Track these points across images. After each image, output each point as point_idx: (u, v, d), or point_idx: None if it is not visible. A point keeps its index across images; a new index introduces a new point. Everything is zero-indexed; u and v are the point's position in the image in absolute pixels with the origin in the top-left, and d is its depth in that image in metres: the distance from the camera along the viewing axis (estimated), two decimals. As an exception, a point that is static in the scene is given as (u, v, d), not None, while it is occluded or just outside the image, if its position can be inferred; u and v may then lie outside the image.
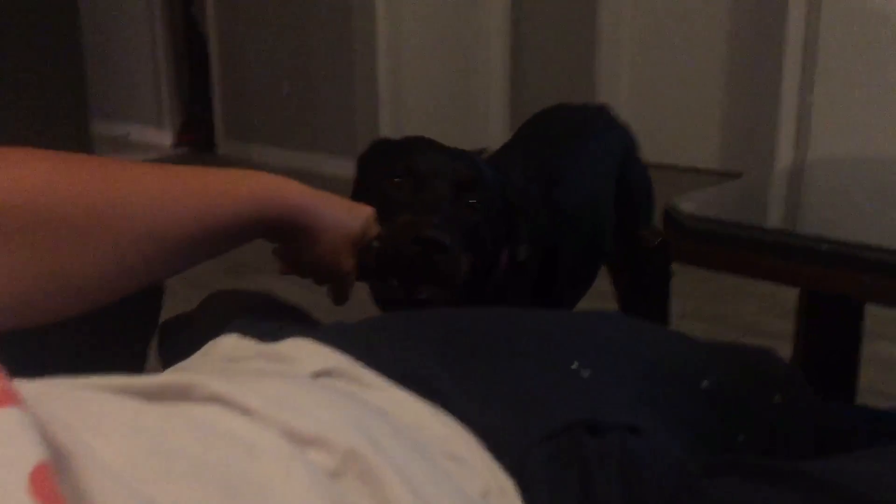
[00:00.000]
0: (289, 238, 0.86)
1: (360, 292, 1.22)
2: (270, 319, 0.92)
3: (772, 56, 4.06)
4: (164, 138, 5.89)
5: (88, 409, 0.43)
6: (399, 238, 0.93)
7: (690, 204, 1.18)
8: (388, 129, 4.77)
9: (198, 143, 5.67)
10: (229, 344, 0.67)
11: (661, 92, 4.83)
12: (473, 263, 1.00)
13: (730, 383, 0.73)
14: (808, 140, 4.10)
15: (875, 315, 1.66)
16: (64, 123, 3.59)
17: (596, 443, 0.56)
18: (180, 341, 0.90)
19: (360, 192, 1.10)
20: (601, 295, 1.70)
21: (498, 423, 0.57)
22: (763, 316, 2.36)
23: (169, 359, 0.94)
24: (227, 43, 5.35)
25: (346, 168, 4.77)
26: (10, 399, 0.37)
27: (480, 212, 1.02)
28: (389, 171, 1.04)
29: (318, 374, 0.59)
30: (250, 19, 5.15)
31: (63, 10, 3.45)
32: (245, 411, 0.46)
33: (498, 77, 5.27)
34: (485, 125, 5.30)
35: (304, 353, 0.62)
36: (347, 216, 0.89)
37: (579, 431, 0.56)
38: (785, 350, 1.55)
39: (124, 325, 0.82)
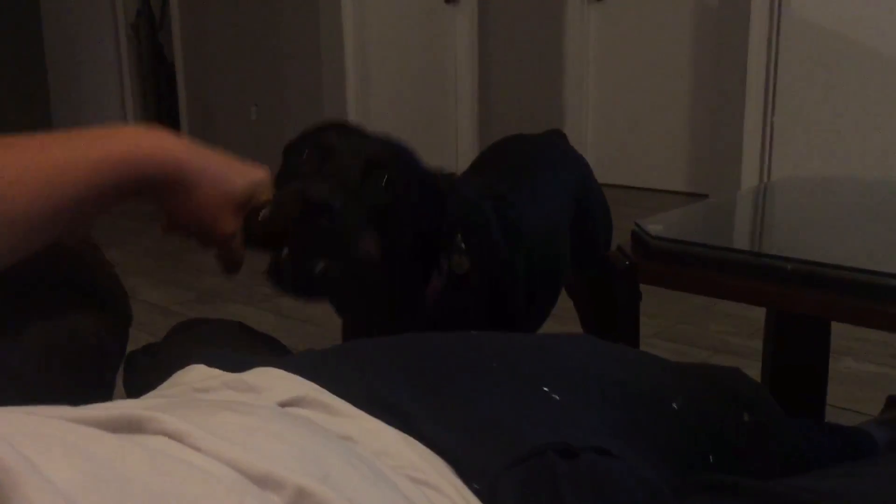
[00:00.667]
0: (164, 194, 0.79)
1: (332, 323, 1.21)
2: (239, 348, 0.91)
3: (735, 79, 4.12)
4: (131, 166, 5.85)
5: (38, 432, 0.42)
6: (286, 203, 0.85)
7: (657, 225, 1.20)
8: (357, 154, 4.76)
9: (165, 170, 5.63)
10: (196, 374, 0.66)
11: (627, 115, 4.88)
12: (389, 249, 0.93)
13: (700, 403, 0.73)
14: (772, 160, 4.16)
15: (841, 332, 1.68)
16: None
17: (567, 466, 0.56)
18: (147, 372, 0.89)
19: (278, 175, 1.01)
20: (570, 316, 1.71)
21: (468, 448, 0.57)
22: (732, 335, 2.38)
23: (135, 390, 0.92)
24: (194, 69, 5.34)
25: (315, 194, 4.76)
26: None
27: (393, 192, 0.94)
28: (301, 146, 0.98)
29: (285, 404, 0.58)
30: (218, 45, 5.15)
31: (28, 36, 3.43)
32: (196, 449, 0.45)
33: (467, 105, 5.31)
34: (454, 152, 5.32)
35: (272, 382, 0.62)
36: (231, 174, 0.83)
37: (550, 455, 0.56)
38: (754, 369, 1.56)
39: (91, 355, 0.81)
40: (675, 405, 0.71)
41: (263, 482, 0.44)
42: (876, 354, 2.18)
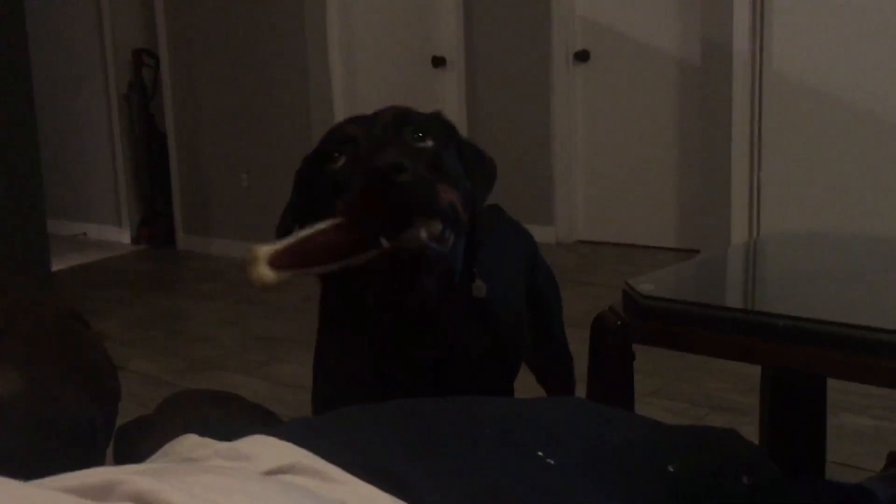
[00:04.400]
0: None
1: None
2: (231, 418, 0.90)
3: (720, 135, 4.17)
4: (124, 236, 5.85)
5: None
6: (366, 186, 0.85)
7: (648, 285, 1.20)
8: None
9: (157, 239, 5.64)
10: (188, 444, 0.66)
11: (615, 173, 4.92)
12: (464, 199, 0.94)
13: (696, 466, 0.72)
14: (761, 215, 4.19)
15: (839, 387, 1.68)
16: (19, 224, 3.56)
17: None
18: (138, 444, 0.88)
19: (302, 198, 1.01)
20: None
21: (464, 516, 0.56)
22: (729, 392, 2.37)
23: (126, 463, 0.91)
24: (185, 138, 5.38)
25: (307, 259, 4.76)
26: None
27: (433, 141, 0.97)
28: (323, 153, 0.98)
29: (277, 471, 0.58)
30: (208, 114, 5.20)
31: (19, 106, 3.45)
32: None
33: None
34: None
35: (264, 449, 0.61)
36: None
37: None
38: (752, 425, 1.55)
39: (79, 432, 0.80)
40: (670, 468, 0.70)
41: None
42: (875, 408, 2.17)
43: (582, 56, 4.89)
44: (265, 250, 0.87)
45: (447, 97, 5.27)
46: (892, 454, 1.42)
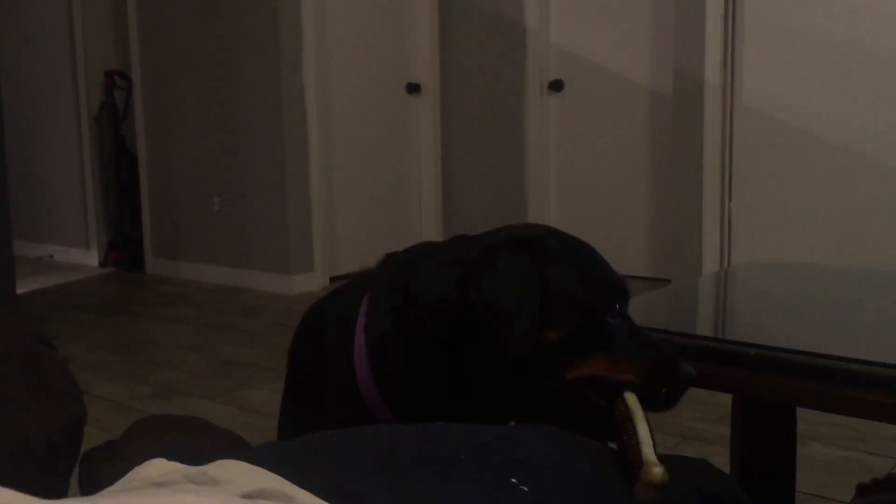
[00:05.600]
0: None
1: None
2: (199, 443, 0.89)
3: (692, 165, 4.22)
4: (91, 259, 5.79)
5: None
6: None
7: (621, 313, 1.19)
8: (321, 244, 4.78)
9: (125, 262, 5.59)
10: (156, 468, 0.64)
11: (588, 202, 4.96)
12: None
13: (667, 496, 0.72)
14: (732, 245, 4.23)
15: (809, 417, 1.68)
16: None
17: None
18: (104, 470, 0.86)
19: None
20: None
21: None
22: (700, 421, 2.37)
23: (91, 489, 0.89)
24: (157, 160, 5.35)
25: (278, 284, 4.74)
26: None
27: None
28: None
29: (247, 496, 0.57)
30: (180, 136, 5.18)
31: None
32: None
33: (430, 193, 5.36)
34: (417, 241, 5.35)
35: (234, 474, 0.60)
36: None
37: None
38: (723, 455, 1.55)
39: (41, 460, 0.78)
40: (644, 497, 0.70)
41: None
42: (843, 439, 2.18)
43: (556, 85, 4.93)
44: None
45: (421, 124, 5.29)
46: (861, 485, 1.42)
